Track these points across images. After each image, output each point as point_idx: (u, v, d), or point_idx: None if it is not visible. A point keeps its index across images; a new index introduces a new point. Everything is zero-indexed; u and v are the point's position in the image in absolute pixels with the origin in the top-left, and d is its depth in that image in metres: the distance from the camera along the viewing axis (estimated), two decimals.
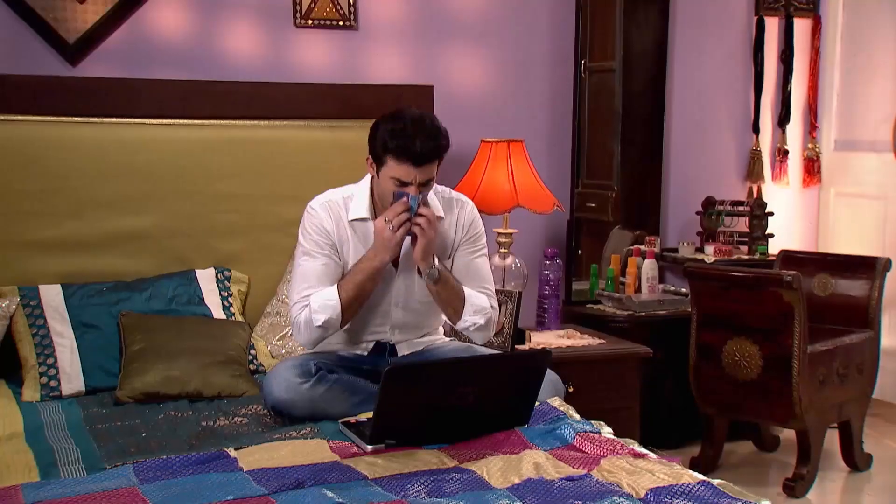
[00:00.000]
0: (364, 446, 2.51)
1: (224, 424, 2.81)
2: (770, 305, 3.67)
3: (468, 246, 3.02)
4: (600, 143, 4.53)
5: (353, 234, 2.93)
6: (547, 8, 4.31)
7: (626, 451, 2.47)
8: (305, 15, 3.90)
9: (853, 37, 4.90)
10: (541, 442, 2.54)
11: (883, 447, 4.29)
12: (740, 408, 3.88)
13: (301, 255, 2.94)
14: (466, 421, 2.55)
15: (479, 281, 3.02)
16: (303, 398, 2.80)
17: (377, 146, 2.80)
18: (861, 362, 3.99)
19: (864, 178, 4.84)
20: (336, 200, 2.96)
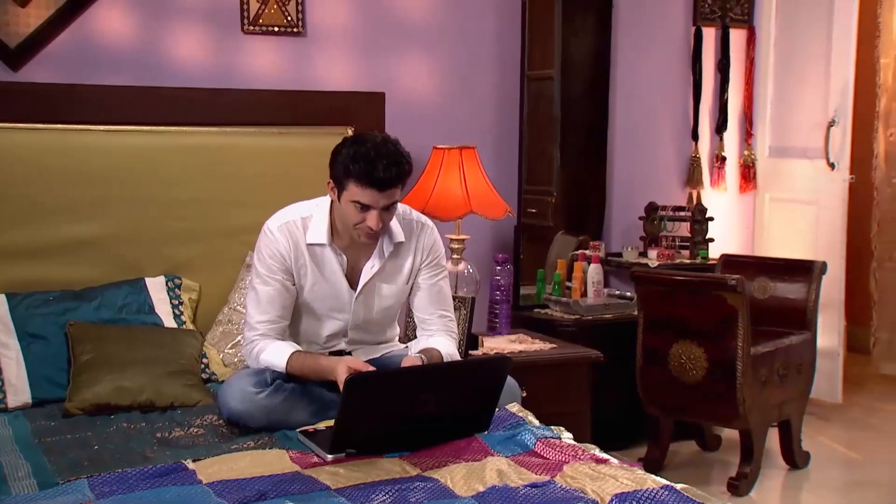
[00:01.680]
0: (324, 455, 2.46)
1: (180, 435, 2.73)
2: (714, 309, 3.68)
3: (430, 270, 2.97)
4: (541, 149, 4.50)
5: (310, 259, 2.86)
6: (494, 16, 4.29)
7: (588, 457, 2.45)
8: (253, 21, 3.81)
9: (785, 47, 4.94)
10: (502, 448, 2.52)
11: (819, 445, 4.34)
12: (686, 409, 3.89)
13: (255, 279, 2.87)
14: (427, 428, 2.52)
15: (440, 304, 2.99)
16: (259, 408, 2.73)
17: (339, 170, 2.71)
18: (800, 363, 4.03)
19: (797, 184, 4.88)
20: (294, 221, 2.86)
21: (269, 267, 2.84)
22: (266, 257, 2.85)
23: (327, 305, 2.91)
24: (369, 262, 2.89)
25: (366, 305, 2.93)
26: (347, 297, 2.90)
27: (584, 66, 4.65)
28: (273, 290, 2.84)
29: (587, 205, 4.70)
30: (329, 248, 2.85)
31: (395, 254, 2.91)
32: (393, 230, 2.88)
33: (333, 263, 2.87)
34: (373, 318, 2.97)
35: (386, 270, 2.92)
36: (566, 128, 4.58)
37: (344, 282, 2.89)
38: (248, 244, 3.38)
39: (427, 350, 2.86)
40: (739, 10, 4.93)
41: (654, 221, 4.59)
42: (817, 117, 4.76)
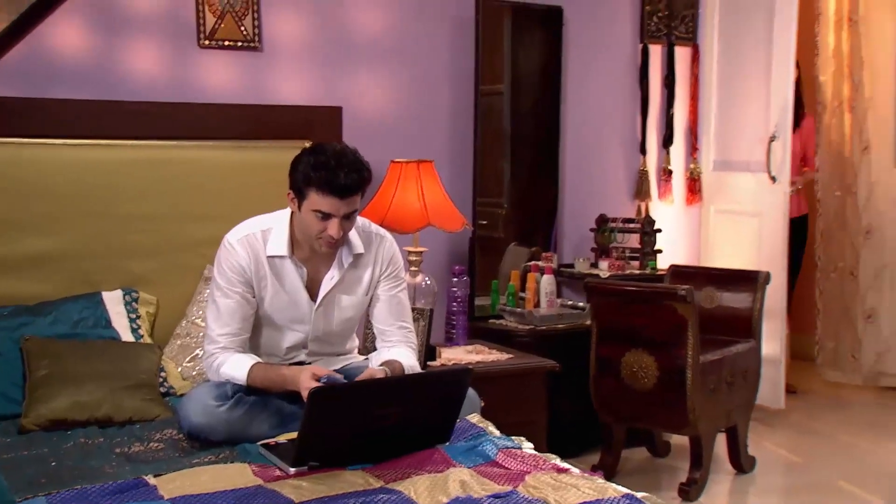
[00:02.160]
0: (287, 469, 2.41)
1: (139, 450, 2.66)
2: (665, 318, 3.68)
3: (389, 281, 2.94)
4: (492, 162, 4.49)
5: (270, 271, 2.81)
6: (448, 32, 4.27)
7: (549, 467, 2.43)
8: (209, 36, 3.74)
9: (728, 64, 4.98)
10: (464, 459, 2.50)
11: (765, 450, 4.36)
12: (638, 417, 3.89)
13: (216, 291, 2.81)
14: (390, 440, 2.48)
15: (399, 315, 2.96)
16: (220, 421, 2.67)
17: (299, 180, 2.67)
18: (746, 370, 4.05)
19: (740, 197, 4.92)
20: (254, 234, 2.81)
21: (230, 280, 2.79)
22: (226, 270, 2.79)
23: (287, 317, 2.86)
24: (329, 273, 2.85)
25: (326, 317, 2.89)
26: (307, 309, 2.85)
27: (533, 81, 4.65)
28: (233, 302, 2.79)
29: (537, 217, 4.70)
30: (289, 261, 2.81)
31: (355, 265, 2.88)
32: (352, 242, 2.85)
33: (293, 275, 2.82)
34: (332, 330, 2.93)
35: (345, 282, 2.88)
36: (516, 141, 4.59)
37: (304, 293, 2.84)
38: (207, 257, 3.32)
39: (389, 362, 2.82)
40: (684, 29, 4.97)
41: (604, 233, 4.60)
42: (759, 132, 4.79)
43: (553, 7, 4.51)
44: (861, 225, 5.45)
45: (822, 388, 5.26)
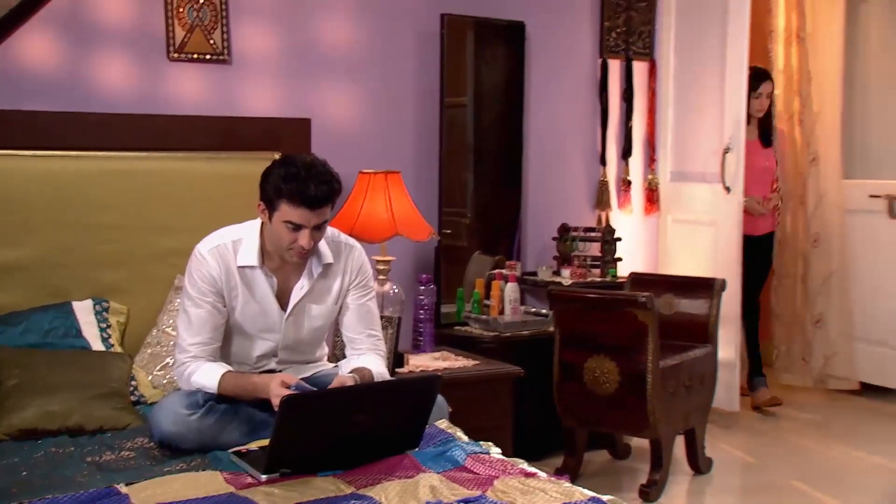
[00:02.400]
0: (258, 476, 2.38)
1: (110, 459, 2.60)
2: (626, 325, 3.69)
3: (358, 290, 2.92)
4: (455, 173, 4.48)
5: (241, 281, 2.78)
6: (414, 46, 4.27)
7: (517, 471, 2.42)
8: (179, 49, 3.70)
9: (684, 79, 5.02)
10: (433, 465, 2.47)
11: (721, 451, 4.38)
12: (600, 420, 3.89)
13: (187, 301, 2.77)
14: (360, 446, 2.46)
15: (368, 324, 2.94)
16: (192, 430, 2.63)
17: (270, 191, 2.64)
18: (703, 375, 4.07)
19: (696, 206, 4.94)
20: (225, 245, 2.78)
21: (201, 290, 2.75)
22: (197, 280, 2.76)
23: (258, 326, 2.83)
24: (299, 283, 2.82)
25: (296, 326, 2.86)
26: (278, 318, 2.82)
27: (496, 94, 4.65)
28: (204, 312, 2.75)
29: (500, 226, 4.69)
30: (260, 271, 2.78)
31: (324, 275, 2.85)
32: (322, 251, 2.82)
33: (264, 285, 2.79)
34: (302, 339, 2.90)
35: (315, 291, 2.85)
36: (479, 153, 4.59)
37: (275, 303, 2.81)
38: (178, 267, 3.28)
39: (358, 370, 2.80)
40: (641, 45, 5.00)
41: (566, 242, 4.60)
42: (714, 144, 4.82)
43: (515, 22, 4.52)
44: (810, 234, 5.50)
45: (776, 391, 5.28)
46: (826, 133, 5.41)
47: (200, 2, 3.71)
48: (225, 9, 3.76)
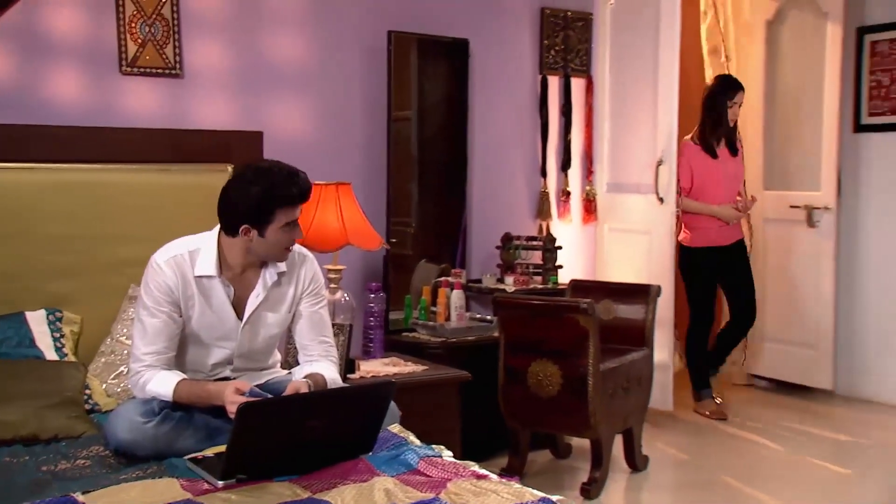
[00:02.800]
0: (215, 482, 2.32)
1: (66, 468, 2.51)
2: (568, 330, 3.69)
3: (311, 298, 2.88)
4: (401, 184, 4.46)
5: (197, 290, 2.72)
6: (362, 61, 4.24)
7: (469, 474, 2.39)
8: (131, 63, 3.62)
9: (619, 95, 5.05)
10: (387, 468, 2.44)
11: (656, 449, 4.40)
12: (543, 422, 3.88)
13: (142, 310, 2.70)
14: (315, 451, 2.42)
15: (321, 331, 2.90)
16: (147, 437, 2.56)
17: (258, 208, 2.59)
18: (640, 376, 4.09)
19: (631, 216, 4.97)
20: (182, 255, 2.71)
21: (157, 299, 2.68)
22: (153, 290, 2.68)
23: (214, 335, 2.77)
24: (254, 291, 2.77)
25: (251, 334, 2.81)
26: (234, 326, 2.77)
27: (440, 108, 4.63)
28: (160, 322, 2.68)
29: (444, 235, 4.67)
30: (217, 280, 2.72)
31: (278, 283, 2.81)
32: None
33: (221, 294, 2.73)
34: (257, 347, 2.85)
35: (270, 299, 2.80)
36: (423, 165, 4.57)
37: (231, 312, 2.75)
38: (131, 277, 3.21)
39: (312, 375, 2.76)
40: (579, 62, 5.03)
41: (509, 250, 4.60)
42: (648, 157, 4.86)
43: (459, 40, 4.51)
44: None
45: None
46: (749, 145, 5.48)
47: (152, 17, 3.64)
48: (177, 24, 3.69)
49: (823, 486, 4.00)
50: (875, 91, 5.32)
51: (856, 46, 5.35)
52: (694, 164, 4.84)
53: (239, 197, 2.61)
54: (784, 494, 3.90)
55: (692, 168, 4.84)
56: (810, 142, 5.39)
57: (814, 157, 5.36)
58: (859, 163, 5.39)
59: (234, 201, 2.63)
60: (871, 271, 5.35)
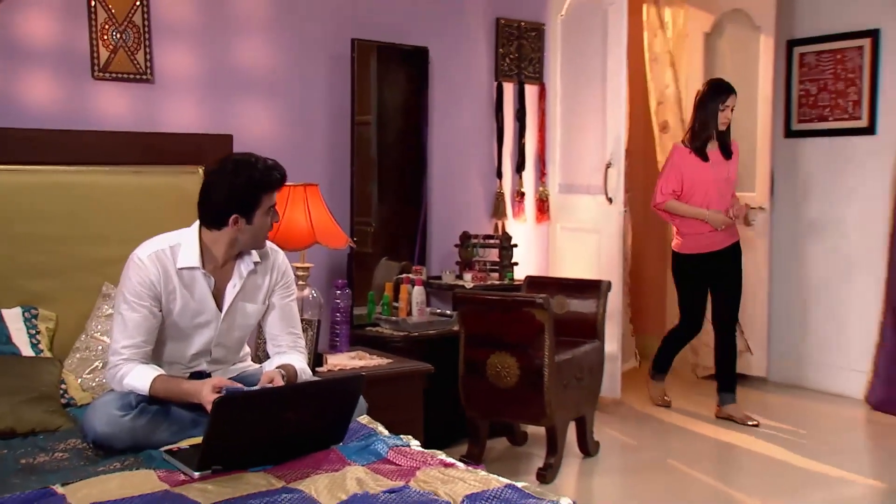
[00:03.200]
0: (191, 473, 2.30)
1: (45, 461, 2.46)
2: (525, 324, 3.70)
3: (283, 290, 2.87)
4: (361, 185, 4.44)
5: (179, 282, 2.68)
6: (327, 68, 4.22)
7: (437, 462, 2.39)
8: (103, 68, 3.56)
9: (570, 101, 5.08)
10: (358, 458, 2.44)
11: (606, 435, 4.45)
12: (501, 411, 3.89)
13: (122, 304, 2.65)
14: (288, 443, 2.40)
15: (290, 323, 2.89)
16: (125, 430, 2.52)
17: (243, 196, 2.62)
18: (592, 367, 4.11)
19: (582, 216, 5.00)
20: (163, 250, 2.68)
21: (139, 294, 2.64)
22: (136, 284, 2.64)
23: (195, 324, 2.74)
24: (231, 282, 2.76)
25: (229, 322, 2.78)
26: (214, 316, 2.74)
27: (401, 113, 4.62)
28: (140, 316, 2.64)
29: (403, 234, 4.66)
30: (199, 272, 2.70)
31: (254, 273, 2.79)
32: (251, 253, 2.77)
33: (203, 285, 2.71)
34: (234, 336, 2.82)
35: (247, 289, 2.79)
36: (382, 167, 4.54)
37: (212, 302, 2.73)
38: (105, 276, 3.17)
39: (283, 366, 2.74)
40: (532, 69, 5.05)
41: (467, 248, 4.61)
42: (597, 161, 4.89)
43: (420, 47, 4.51)
44: None
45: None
46: None
47: (124, 24, 3.58)
48: (147, 31, 3.64)
49: (760, 468, 4.06)
50: (804, 99, 5.43)
51: (786, 58, 5.46)
52: (684, 168, 4.58)
53: (225, 189, 2.62)
54: (726, 476, 3.97)
55: (682, 172, 4.58)
56: (745, 146, 5.47)
57: (749, 160, 5.43)
58: (790, 166, 5.49)
59: (220, 194, 2.62)
60: (801, 267, 5.46)
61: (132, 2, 3.60)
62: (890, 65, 5.03)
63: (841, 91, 5.25)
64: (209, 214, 2.67)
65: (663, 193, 4.60)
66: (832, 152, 5.28)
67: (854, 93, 5.18)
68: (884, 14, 5.03)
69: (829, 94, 5.30)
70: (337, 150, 4.25)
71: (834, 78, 5.27)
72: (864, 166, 5.14)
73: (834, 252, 5.29)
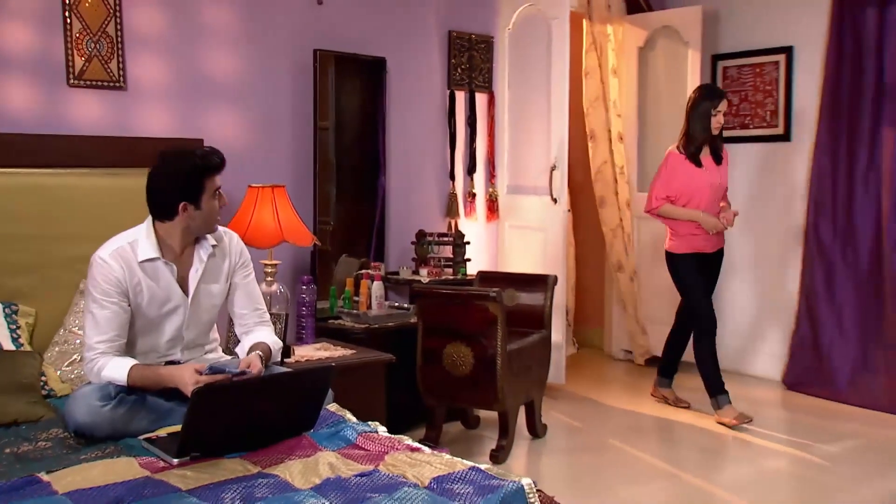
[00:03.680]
0: (170, 460, 2.28)
1: (28, 450, 2.42)
2: (479, 315, 3.72)
3: (242, 270, 2.87)
4: (320, 186, 4.42)
5: (143, 275, 2.66)
6: (291, 76, 4.19)
7: (404, 447, 2.40)
8: (78, 76, 3.49)
9: (517, 108, 5.11)
10: (328, 443, 2.43)
11: (553, 418, 4.49)
12: (456, 397, 3.91)
13: (91, 304, 2.62)
14: (262, 430, 2.39)
15: (254, 300, 2.89)
16: (105, 419, 2.49)
17: (189, 183, 2.62)
18: (540, 356, 4.16)
19: (528, 215, 5.03)
20: (123, 247, 2.65)
21: (105, 291, 2.61)
22: (101, 283, 2.61)
23: (164, 311, 2.71)
24: (193, 268, 2.74)
25: (197, 304, 2.76)
26: (181, 301, 2.72)
27: (357, 119, 4.58)
28: (110, 312, 2.61)
29: (361, 233, 4.64)
30: (161, 261, 2.68)
31: (213, 256, 2.78)
32: (207, 238, 2.76)
33: (166, 273, 2.69)
34: (202, 317, 2.80)
35: (208, 271, 2.77)
36: (341, 169, 4.51)
37: (177, 288, 2.71)
38: (82, 273, 3.09)
39: (257, 346, 2.75)
40: (482, 79, 5.07)
41: (423, 245, 4.61)
42: (542, 164, 4.93)
43: (378, 58, 4.50)
44: (624, 233, 5.60)
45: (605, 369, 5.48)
46: (628, 152, 5.62)
47: (97, 34, 3.51)
48: (120, 41, 3.57)
49: (698, 444, 4.15)
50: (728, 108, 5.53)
51: (711, 70, 5.57)
52: (679, 174, 4.38)
53: (170, 179, 2.62)
54: (664, 454, 4.04)
55: (677, 177, 4.39)
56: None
57: None
58: None
59: (166, 184, 2.62)
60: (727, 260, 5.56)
61: (106, 13, 3.53)
62: (802, 78, 5.17)
63: (760, 101, 5.38)
64: (158, 207, 2.66)
65: (658, 199, 4.42)
66: (753, 157, 5.40)
67: (771, 103, 5.31)
68: (797, 33, 5.17)
69: (749, 104, 5.43)
70: (300, 153, 4.23)
71: (754, 89, 5.40)
72: (781, 170, 5.28)
73: (756, 246, 5.42)
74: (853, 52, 4.86)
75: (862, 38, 4.82)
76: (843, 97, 4.89)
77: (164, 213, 2.65)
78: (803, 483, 3.69)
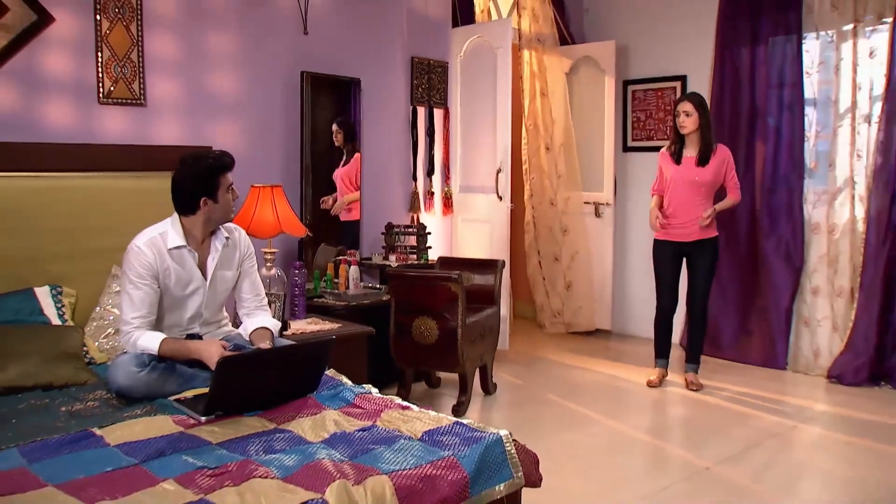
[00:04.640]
0: (199, 418, 2.33)
1: (80, 408, 2.47)
2: (443, 294, 3.77)
3: (248, 261, 2.93)
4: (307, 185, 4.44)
5: (171, 260, 2.72)
6: (281, 93, 4.21)
7: (396, 406, 2.43)
8: (107, 95, 3.49)
9: (468, 121, 5.14)
10: (331, 403, 2.47)
11: (501, 378, 4.55)
12: (424, 362, 3.94)
13: (128, 285, 2.66)
14: (274, 393, 2.45)
15: (257, 287, 2.94)
16: (141, 383, 2.55)
17: (207, 180, 2.68)
18: (492, 327, 4.19)
19: (478, 210, 5.07)
20: (155, 237, 2.71)
21: (140, 275, 2.66)
22: (137, 267, 2.66)
23: (188, 291, 2.77)
24: (210, 256, 2.81)
25: (213, 287, 2.83)
26: (201, 283, 2.79)
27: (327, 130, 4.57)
28: (143, 293, 2.66)
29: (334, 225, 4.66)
30: (185, 249, 2.74)
31: (226, 246, 2.84)
32: (221, 230, 2.83)
33: (190, 259, 2.75)
34: (217, 298, 2.86)
35: (223, 259, 2.83)
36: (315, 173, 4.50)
37: (198, 272, 2.78)
38: (113, 260, 3.16)
39: (262, 332, 2.81)
40: (439, 97, 5.11)
41: (391, 235, 4.63)
42: (489, 167, 5.00)
43: (354, 78, 4.54)
44: (560, 226, 5.71)
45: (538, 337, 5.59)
46: (567, 158, 5.66)
47: (123, 60, 3.52)
48: (142, 66, 3.58)
49: (615, 396, 4.30)
50: (636, 124, 5.70)
51: (623, 93, 5.70)
52: (663, 169, 4.33)
53: (190, 178, 2.67)
54: (592, 405, 4.14)
55: (662, 172, 4.35)
56: (597, 158, 5.70)
57: (599, 168, 5.66)
58: (626, 173, 5.76)
59: (188, 183, 2.67)
60: (635, 247, 5.75)
61: (130, 43, 3.53)
62: None
63: (661, 118, 5.56)
64: (183, 203, 2.71)
65: (653, 191, 4.42)
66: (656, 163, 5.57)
67: (669, 120, 5.46)
68: (689, 65, 5.37)
69: (653, 120, 5.61)
70: (290, 158, 4.26)
71: (656, 108, 5.57)
72: None
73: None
74: (732, 81, 5.07)
75: (738, 69, 5.04)
76: (724, 116, 5.09)
77: (188, 207, 2.70)
78: (701, 423, 3.87)
